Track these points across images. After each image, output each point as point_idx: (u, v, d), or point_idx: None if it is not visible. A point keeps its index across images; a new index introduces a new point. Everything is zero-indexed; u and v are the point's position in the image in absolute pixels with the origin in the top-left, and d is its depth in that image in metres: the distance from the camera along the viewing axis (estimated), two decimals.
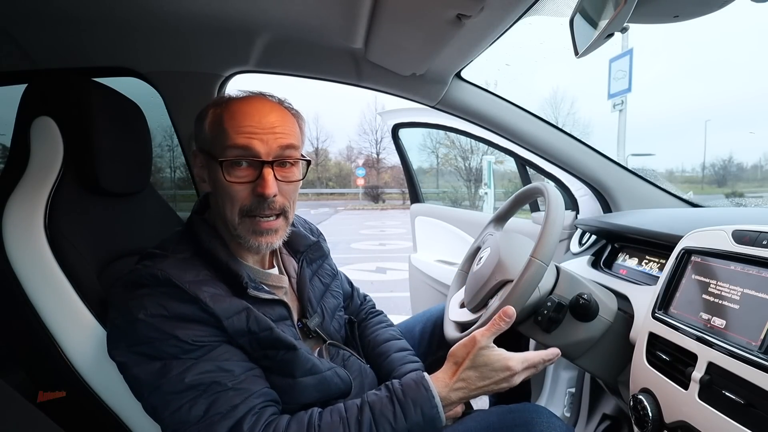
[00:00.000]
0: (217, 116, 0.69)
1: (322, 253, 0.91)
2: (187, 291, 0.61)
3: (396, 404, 0.62)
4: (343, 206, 20.91)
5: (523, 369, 0.67)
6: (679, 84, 43.28)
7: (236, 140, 0.66)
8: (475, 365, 0.65)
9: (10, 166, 0.75)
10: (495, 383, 0.65)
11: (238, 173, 0.67)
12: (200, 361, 0.60)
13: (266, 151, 0.67)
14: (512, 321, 0.68)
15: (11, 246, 0.69)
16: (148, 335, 0.59)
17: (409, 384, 0.64)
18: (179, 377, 0.58)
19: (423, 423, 0.61)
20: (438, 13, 0.81)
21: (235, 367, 0.62)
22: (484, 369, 0.65)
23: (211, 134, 0.69)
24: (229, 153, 0.66)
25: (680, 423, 0.61)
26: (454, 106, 1.31)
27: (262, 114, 0.68)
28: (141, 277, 0.62)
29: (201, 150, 0.72)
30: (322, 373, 0.71)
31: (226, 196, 0.68)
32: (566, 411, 1.34)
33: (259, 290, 0.69)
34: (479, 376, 0.65)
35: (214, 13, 0.98)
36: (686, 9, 0.62)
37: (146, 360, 0.60)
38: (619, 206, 1.36)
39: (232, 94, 0.73)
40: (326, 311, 0.84)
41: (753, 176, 21.30)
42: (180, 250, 0.68)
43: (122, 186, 0.87)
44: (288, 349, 0.67)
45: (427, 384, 0.64)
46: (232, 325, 0.63)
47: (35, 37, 1.02)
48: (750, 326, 0.58)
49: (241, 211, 0.68)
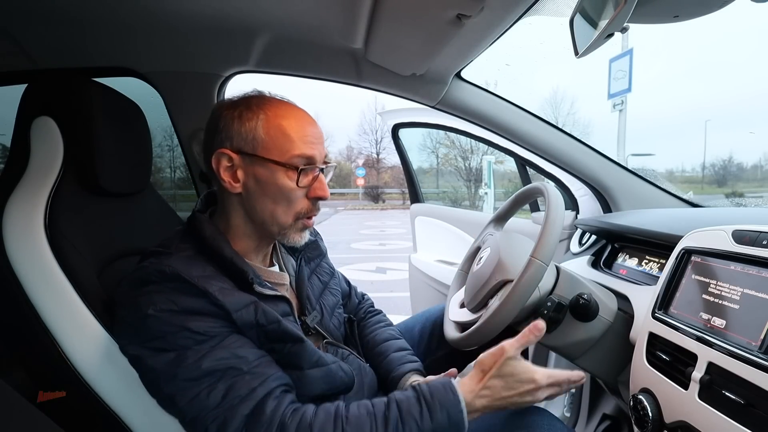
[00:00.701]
0: (271, 120, 0.69)
1: (320, 252, 0.92)
2: (196, 285, 0.61)
3: (423, 404, 0.62)
4: (343, 206, 20.91)
5: (548, 385, 0.66)
6: (679, 84, 43.27)
7: (303, 149, 0.69)
8: (502, 374, 0.65)
9: (10, 166, 0.75)
10: (519, 395, 0.65)
11: (306, 180, 0.71)
12: (214, 349, 0.60)
13: (320, 159, 0.72)
14: (542, 334, 0.68)
15: (11, 246, 0.69)
16: (160, 329, 0.60)
17: (437, 387, 0.64)
18: (195, 365, 0.59)
19: (448, 425, 0.61)
20: (438, 13, 0.81)
21: (248, 354, 0.62)
22: (510, 379, 0.65)
23: (269, 138, 0.69)
24: (296, 160, 0.69)
25: (680, 423, 0.61)
26: (454, 106, 1.31)
27: (314, 124, 0.73)
28: (148, 273, 0.63)
29: (239, 151, 0.69)
30: (328, 365, 0.71)
31: (283, 200, 0.70)
32: (566, 411, 1.34)
33: (263, 287, 0.69)
34: (504, 386, 0.65)
35: (214, 13, 0.98)
36: (686, 9, 0.62)
37: (161, 352, 0.60)
38: (619, 206, 1.36)
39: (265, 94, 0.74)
40: (325, 309, 0.85)
41: (753, 176, 21.30)
42: (183, 248, 0.68)
43: (122, 186, 0.87)
44: (295, 341, 0.67)
45: (455, 389, 0.64)
46: (240, 318, 0.63)
47: (36, 37, 1.02)
48: (750, 326, 0.58)
49: (296, 215, 0.72)
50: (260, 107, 0.70)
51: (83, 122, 0.77)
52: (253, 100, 0.72)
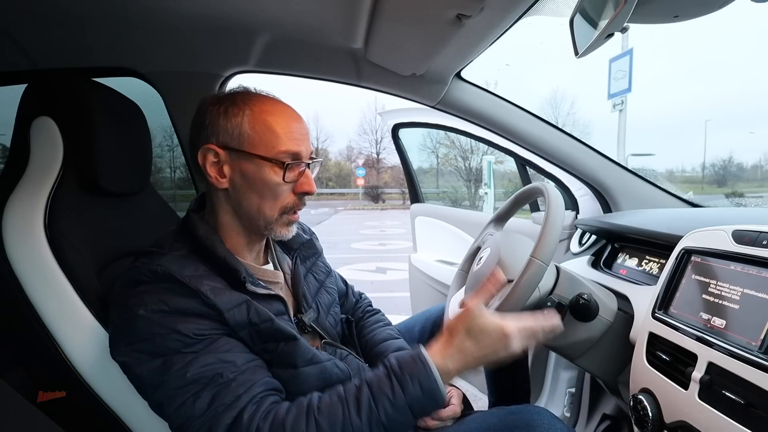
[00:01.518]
0: (257, 116, 0.69)
1: (316, 250, 0.92)
2: (188, 285, 0.61)
3: (393, 379, 0.62)
4: (343, 206, 20.91)
5: (521, 335, 0.65)
6: (679, 84, 43.29)
7: (289, 145, 0.70)
8: (470, 333, 0.64)
9: (10, 166, 0.75)
10: (492, 349, 0.64)
11: (292, 175, 0.71)
12: (202, 354, 0.60)
13: (306, 155, 0.72)
14: (501, 284, 0.68)
15: (11, 246, 0.69)
16: (149, 331, 0.59)
17: (406, 359, 0.64)
18: (182, 372, 0.59)
19: (422, 396, 0.61)
20: (438, 13, 0.81)
21: (236, 358, 0.62)
22: (480, 335, 0.64)
23: (254, 133, 0.69)
24: (283, 156, 0.69)
25: (680, 423, 0.61)
26: (454, 106, 1.31)
27: (300, 120, 0.73)
28: (140, 273, 0.63)
29: (225, 147, 0.70)
30: (323, 362, 0.71)
31: (269, 195, 0.70)
32: (566, 411, 1.34)
33: (257, 285, 0.69)
34: (475, 344, 0.64)
35: (214, 13, 0.98)
36: (686, 9, 0.62)
37: (148, 358, 0.60)
38: (619, 206, 1.36)
39: (251, 90, 0.74)
40: (321, 307, 0.85)
41: (753, 176, 21.31)
42: (177, 247, 0.68)
43: (122, 186, 0.87)
44: (288, 339, 0.67)
45: (424, 358, 0.63)
46: (233, 317, 0.63)
47: (35, 37, 1.02)
48: (750, 326, 0.58)
49: (282, 209, 0.72)
50: (246, 103, 0.70)
51: (83, 122, 0.77)
52: (239, 96, 0.72)
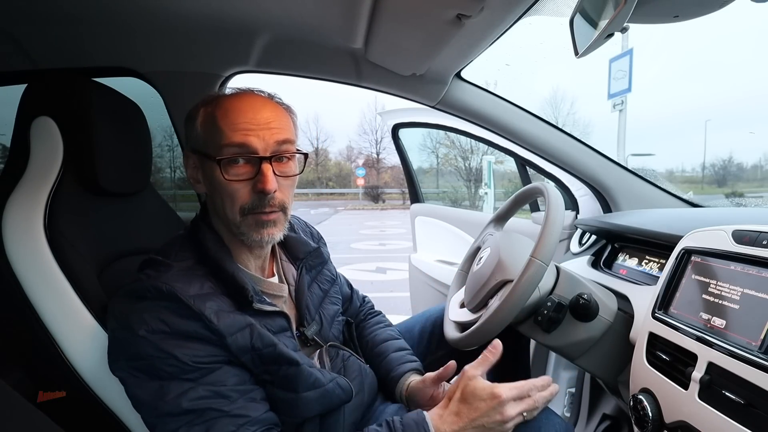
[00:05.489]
0: (208, 115, 0.68)
1: (322, 259, 0.89)
2: (191, 307, 0.60)
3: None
4: (343, 206, 20.90)
5: (514, 398, 0.64)
6: (679, 84, 43.29)
7: (232, 138, 0.65)
8: (464, 396, 0.64)
9: (10, 166, 0.75)
10: (485, 414, 0.62)
11: (236, 171, 0.66)
12: (198, 385, 0.59)
13: (263, 147, 0.66)
14: (499, 352, 0.68)
15: (11, 246, 0.69)
16: (147, 352, 0.59)
17: (410, 423, 0.64)
18: (176, 401, 0.58)
19: None
20: (438, 13, 0.81)
21: (232, 393, 0.61)
22: (472, 400, 0.63)
23: (205, 133, 0.68)
24: (226, 151, 0.65)
25: (680, 423, 0.61)
26: (454, 106, 1.31)
27: (256, 110, 0.67)
28: (144, 289, 0.61)
29: (194, 150, 0.70)
30: (324, 386, 0.70)
31: (226, 195, 0.67)
32: (566, 411, 1.34)
33: (263, 303, 0.68)
34: (469, 408, 0.63)
35: (214, 13, 0.98)
36: (686, 9, 0.62)
37: (145, 378, 0.59)
38: (619, 206, 1.36)
39: (221, 92, 0.73)
40: (325, 318, 0.83)
41: (753, 176, 21.29)
42: (183, 257, 0.67)
43: (122, 186, 0.87)
44: (290, 364, 0.66)
45: (427, 425, 0.63)
46: (235, 342, 0.62)
47: (35, 37, 1.02)
48: (750, 326, 0.58)
49: (242, 210, 0.67)
50: (204, 104, 0.70)
51: (83, 122, 0.77)
52: (206, 98, 0.71)
